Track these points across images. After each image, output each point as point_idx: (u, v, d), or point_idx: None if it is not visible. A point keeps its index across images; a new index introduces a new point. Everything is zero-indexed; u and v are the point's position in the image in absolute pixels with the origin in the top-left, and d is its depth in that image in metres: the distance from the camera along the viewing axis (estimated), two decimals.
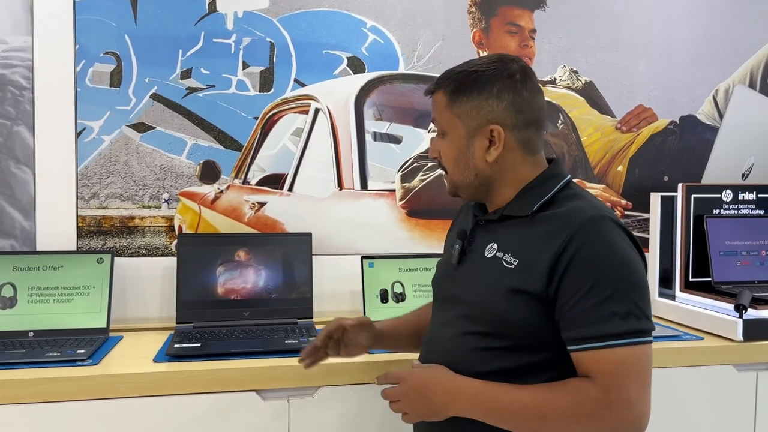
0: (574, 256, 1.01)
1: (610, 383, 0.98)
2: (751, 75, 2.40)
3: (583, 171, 2.25)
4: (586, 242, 1.01)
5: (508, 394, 1.04)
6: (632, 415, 0.98)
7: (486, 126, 1.11)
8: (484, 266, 1.13)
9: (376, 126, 2.09)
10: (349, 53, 2.07)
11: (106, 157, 1.92)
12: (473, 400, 1.06)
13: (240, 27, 1.99)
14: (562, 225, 1.04)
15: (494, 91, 1.11)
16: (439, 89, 1.16)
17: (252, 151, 2.02)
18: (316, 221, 2.05)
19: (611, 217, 1.05)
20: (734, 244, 2.08)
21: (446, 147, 1.16)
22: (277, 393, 1.52)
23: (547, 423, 1.01)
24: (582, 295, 1.00)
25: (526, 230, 1.09)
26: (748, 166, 2.42)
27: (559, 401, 1.01)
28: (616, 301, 0.99)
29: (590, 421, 0.99)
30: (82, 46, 1.89)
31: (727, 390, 1.77)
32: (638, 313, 0.99)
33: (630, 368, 0.98)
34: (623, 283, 1.00)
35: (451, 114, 1.14)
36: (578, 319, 1.00)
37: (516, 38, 2.18)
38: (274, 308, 1.87)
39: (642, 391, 0.99)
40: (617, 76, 2.29)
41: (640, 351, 0.99)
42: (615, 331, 0.98)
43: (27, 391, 1.39)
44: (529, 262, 1.06)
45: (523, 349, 1.07)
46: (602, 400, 0.98)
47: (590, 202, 1.09)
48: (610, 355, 0.98)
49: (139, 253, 1.95)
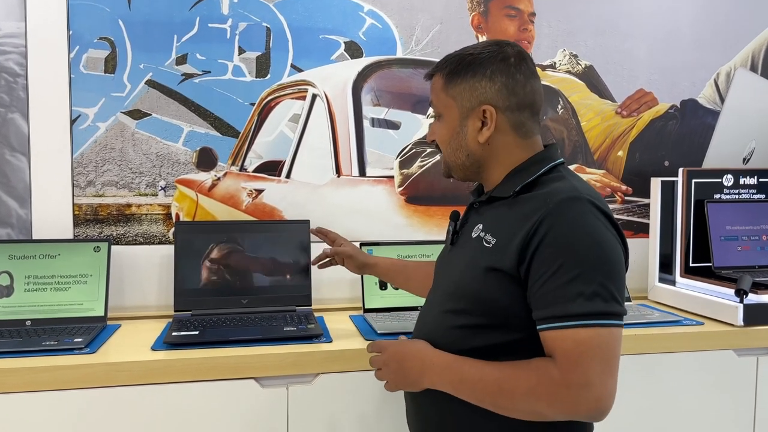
0: (545, 236, 1.01)
1: (570, 363, 0.98)
2: (752, 58, 2.38)
3: (583, 156, 2.23)
4: (557, 222, 1.01)
5: (475, 370, 1.06)
6: (591, 396, 0.97)
7: (479, 107, 1.13)
8: (469, 246, 1.16)
9: (374, 112, 2.07)
10: (346, 38, 2.04)
11: (101, 144, 1.91)
12: (444, 373, 1.09)
13: (236, 12, 1.97)
14: (537, 205, 1.05)
15: (487, 73, 1.12)
16: (437, 72, 1.19)
17: (249, 137, 2.00)
18: (314, 208, 2.03)
19: (589, 199, 1.04)
20: (735, 229, 2.08)
21: (441, 129, 1.19)
22: (275, 380, 1.52)
23: (508, 399, 1.03)
24: (550, 275, 1.00)
25: (507, 211, 1.11)
26: (749, 150, 2.40)
27: (521, 379, 1.01)
28: (582, 282, 0.98)
29: (549, 400, 0.99)
30: (75, 32, 1.87)
31: (728, 375, 1.77)
32: (606, 295, 0.99)
33: (592, 350, 0.97)
34: (592, 264, 0.99)
35: (446, 96, 1.16)
36: (545, 298, 1.01)
37: (515, 22, 2.16)
38: (272, 296, 1.87)
39: (604, 374, 0.97)
40: (617, 60, 2.26)
41: (605, 333, 0.98)
42: (578, 311, 0.98)
43: (24, 380, 1.39)
44: (505, 241, 1.07)
45: (498, 327, 1.08)
46: (560, 380, 0.98)
47: (572, 184, 1.08)
48: (573, 336, 0.98)
49: (137, 241, 1.94)
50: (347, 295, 2.03)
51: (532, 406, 1.01)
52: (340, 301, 2.02)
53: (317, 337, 1.61)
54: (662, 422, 1.74)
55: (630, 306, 2.00)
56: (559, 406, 0.99)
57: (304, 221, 1.94)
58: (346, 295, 2.03)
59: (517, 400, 1.02)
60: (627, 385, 1.71)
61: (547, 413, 1.01)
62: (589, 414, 0.99)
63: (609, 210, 1.06)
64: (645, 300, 2.15)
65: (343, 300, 2.02)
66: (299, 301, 1.88)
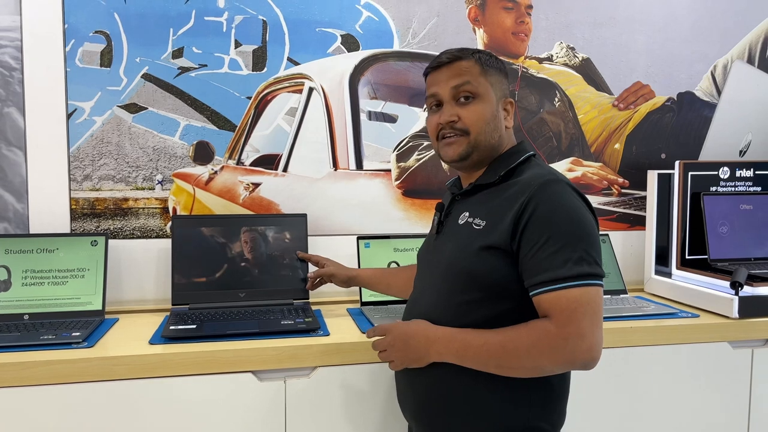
0: (533, 214, 1.15)
1: (565, 319, 1.11)
2: (749, 51, 2.38)
3: (580, 149, 2.23)
4: (542, 201, 1.16)
5: (477, 336, 1.17)
6: (585, 345, 1.10)
7: (504, 98, 1.31)
8: (458, 232, 1.28)
9: (371, 105, 2.07)
10: (343, 31, 2.04)
11: (98, 138, 1.90)
12: (449, 344, 1.20)
13: (232, 5, 1.96)
14: (522, 188, 1.19)
15: (505, 71, 1.33)
16: (468, 59, 1.29)
17: (246, 131, 2.00)
18: (311, 202, 2.03)
19: (566, 182, 1.20)
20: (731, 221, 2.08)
21: (479, 108, 1.27)
22: (273, 374, 1.52)
23: (513, 358, 1.14)
24: (540, 247, 1.14)
25: (493, 196, 1.25)
26: (746, 142, 2.41)
27: (522, 338, 1.14)
28: (569, 250, 1.12)
29: (550, 352, 1.12)
30: (71, 26, 1.86)
31: (723, 367, 1.78)
32: (589, 260, 1.13)
33: (583, 306, 1.11)
34: (575, 234, 1.14)
35: (485, 80, 1.28)
36: (537, 266, 1.14)
37: (512, 14, 2.15)
38: (269, 289, 1.87)
39: (593, 326, 1.11)
40: (614, 52, 2.26)
41: (591, 291, 1.12)
42: (568, 274, 1.11)
43: (22, 374, 1.39)
44: (495, 221, 1.20)
45: (491, 300, 1.20)
46: (559, 333, 1.11)
47: (549, 170, 1.24)
48: (566, 295, 1.11)
49: (134, 235, 1.94)
50: (344, 288, 2.03)
51: (534, 361, 1.13)
52: (338, 295, 2.02)
53: (315, 331, 1.62)
54: (657, 414, 1.75)
55: (626, 298, 2.01)
56: (559, 356, 1.11)
57: (302, 215, 1.94)
58: (344, 288, 2.03)
59: (521, 357, 1.13)
60: (623, 376, 1.72)
61: (547, 365, 1.14)
62: (583, 362, 1.12)
63: (580, 190, 1.22)
64: (641, 292, 2.15)
65: (340, 293, 2.02)
66: (297, 294, 1.88)
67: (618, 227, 2.27)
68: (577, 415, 1.34)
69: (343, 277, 1.75)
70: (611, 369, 1.71)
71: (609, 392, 1.71)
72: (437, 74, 1.30)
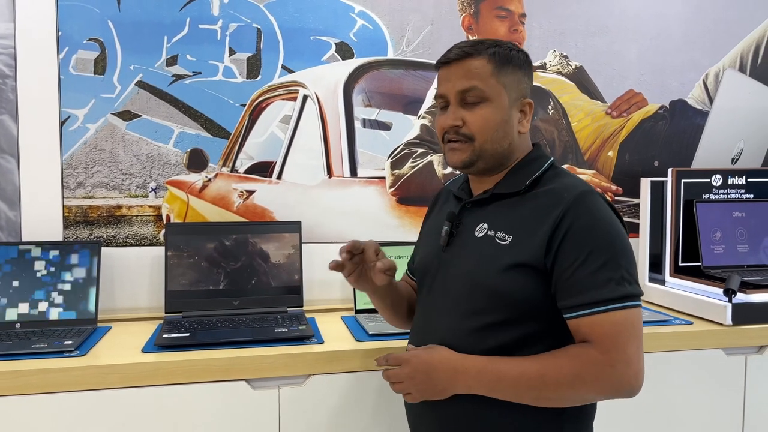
0: (570, 228, 1.07)
1: (610, 345, 1.03)
2: (741, 59, 2.40)
3: (573, 156, 2.24)
4: (581, 215, 1.07)
5: (512, 367, 1.08)
6: (632, 372, 1.04)
7: (521, 99, 1.18)
8: (476, 246, 1.17)
9: (365, 113, 2.07)
10: (337, 39, 2.04)
11: (91, 145, 1.90)
12: (479, 376, 1.10)
13: (226, 12, 1.96)
14: (556, 200, 1.10)
15: (527, 70, 1.20)
16: (480, 56, 1.15)
17: (240, 138, 2.00)
18: (305, 209, 2.03)
19: (600, 193, 1.13)
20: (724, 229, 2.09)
21: (487, 113, 1.15)
22: (267, 382, 1.52)
23: (552, 389, 1.06)
24: (579, 265, 1.05)
25: (517, 207, 1.15)
26: (738, 150, 2.42)
27: (564, 367, 1.05)
28: (610, 269, 1.05)
29: (595, 382, 1.04)
30: (64, 33, 1.86)
31: (717, 374, 1.78)
32: (630, 279, 1.06)
33: (627, 329, 1.04)
34: (615, 251, 1.06)
35: (497, 82, 1.15)
36: (576, 286, 1.06)
37: (506, 23, 2.17)
38: (263, 297, 1.86)
39: (639, 350, 1.05)
40: (607, 60, 2.27)
41: (634, 313, 1.05)
42: (611, 296, 1.04)
43: (14, 383, 1.38)
44: (525, 236, 1.11)
45: (519, 322, 1.11)
46: (604, 360, 1.03)
47: (578, 179, 1.17)
48: (609, 319, 1.04)
49: (127, 242, 1.93)
50: (338, 296, 2.03)
51: (577, 391, 1.06)
52: (332, 302, 2.02)
53: (308, 339, 1.61)
54: (652, 421, 1.75)
55: None
56: (605, 385, 1.04)
57: (296, 222, 1.94)
58: (338, 296, 2.03)
59: (563, 388, 1.06)
60: None
61: (592, 395, 1.07)
62: (630, 389, 1.05)
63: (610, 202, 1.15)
64: None
65: (334, 301, 2.02)
66: (290, 302, 1.88)
67: None
68: None
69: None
70: None
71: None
72: (446, 71, 1.17)
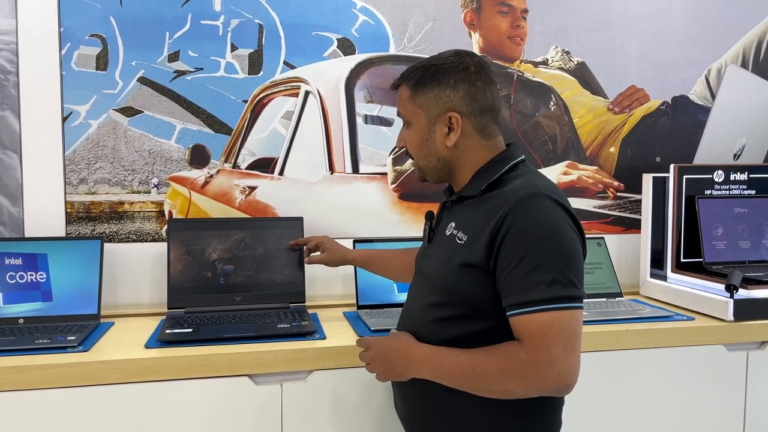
0: (508, 231, 1.10)
1: (535, 345, 1.07)
2: (743, 55, 2.39)
3: (575, 152, 2.24)
4: (519, 217, 1.11)
5: (452, 357, 1.16)
6: (555, 373, 1.06)
7: (445, 114, 1.22)
8: (444, 243, 1.26)
9: (366, 108, 2.07)
10: (339, 35, 2.04)
11: (93, 141, 1.90)
12: (425, 363, 1.19)
13: (228, 8, 1.96)
14: (500, 202, 1.14)
15: (451, 82, 1.21)
16: (403, 83, 1.27)
17: (242, 134, 2.00)
18: (307, 205, 2.03)
19: (548, 194, 1.13)
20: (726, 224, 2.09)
21: (411, 136, 1.28)
22: (269, 377, 1.52)
23: (483, 381, 1.13)
24: (514, 266, 1.09)
25: (475, 209, 1.20)
26: (740, 146, 2.42)
27: (492, 362, 1.11)
28: (542, 271, 1.08)
29: (519, 379, 1.09)
30: (66, 29, 1.86)
31: (718, 369, 1.79)
32: (564, 281, 1.08)
33: (554, 331, 1.07)
34: (551, 253, 1.08)
35: (413, 105, 1.25)
36: (511, 287, 1.10)
37: (507, 18, 2.16)
38: (266, 293, 1.87)
39: (566, 352, 1.07)
40: (609, 56, 2.27)
41: (565, 315, 1.07)
42: (540, 297, 1.07)
43: (17, 379, 1.38)
44: (474, 237, 1.17)
45: (473, 317, 1.18)
46: (528, 360, 1.08)
47: (531, 180, 1.17)
48: (537, 319, 1.07)
49: (129, 238, 1.93)
50: (341, 291, 2.03)
51: (504, 386, 1.11)
52: (334, 298, 2.02)
53: (311, 334, 1.62)
54: (653, 417, 1.75)
55: (622, 301, 2.01)
56: (528, 383, 1.09)
57: (298, 218, 1.94)
58: (340, 291, 2.03)
59: (491, 381, 1.12)
60: (618, 379, 1.72)
61: (518, 390, 1.11)
62: (555, 389, 1.09)
63: (567, 203, 1.15)
64: (636, 295, 2.16)
65: (336, 296, 2.03)
66: (293, 298, 1.88)
67: (613, 230, 2.28)
68: (572, 418, 1.34)
69: (335, 263, 1.77)
70: (607, 372, 1.71)
71: (604, 395, 1.72)
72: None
